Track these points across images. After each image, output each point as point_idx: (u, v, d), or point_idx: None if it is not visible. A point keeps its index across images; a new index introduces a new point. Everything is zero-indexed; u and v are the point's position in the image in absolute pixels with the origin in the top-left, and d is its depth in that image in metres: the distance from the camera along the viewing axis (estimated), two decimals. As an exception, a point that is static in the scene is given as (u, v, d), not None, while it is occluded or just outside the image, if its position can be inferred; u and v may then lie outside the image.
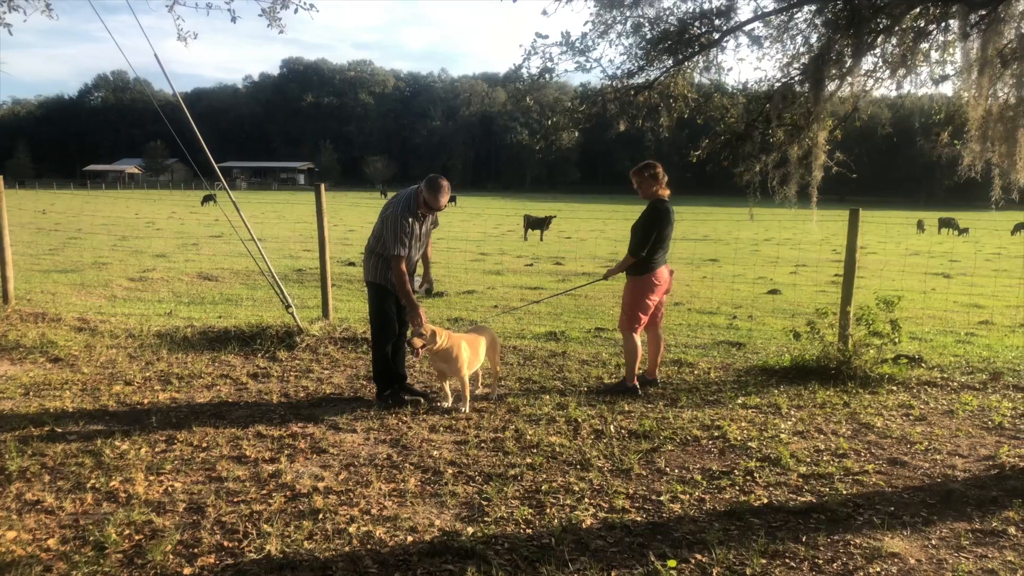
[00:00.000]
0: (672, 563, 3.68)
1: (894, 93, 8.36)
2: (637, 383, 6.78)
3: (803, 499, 4.52)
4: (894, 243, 29.00)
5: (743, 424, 5.91)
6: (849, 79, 7.28)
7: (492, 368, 6.75)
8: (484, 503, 4.40)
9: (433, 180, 6.12)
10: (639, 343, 6.78)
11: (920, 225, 39.68)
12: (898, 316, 7.24)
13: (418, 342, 5.86)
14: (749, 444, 5.45)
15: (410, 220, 6.09)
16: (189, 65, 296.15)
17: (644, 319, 6.78)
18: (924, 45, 7.43)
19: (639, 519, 4.24)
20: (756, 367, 7.61)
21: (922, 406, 6.44)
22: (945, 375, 7.39)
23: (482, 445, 5.39)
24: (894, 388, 6.92)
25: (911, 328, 9.85)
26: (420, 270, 6.70)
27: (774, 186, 7.77)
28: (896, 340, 7.17)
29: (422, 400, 6.39)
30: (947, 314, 11.65)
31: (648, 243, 6.60)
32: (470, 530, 4.04)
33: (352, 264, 16.65)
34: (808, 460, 5.15)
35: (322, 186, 9.26)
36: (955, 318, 11.36)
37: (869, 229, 9.69)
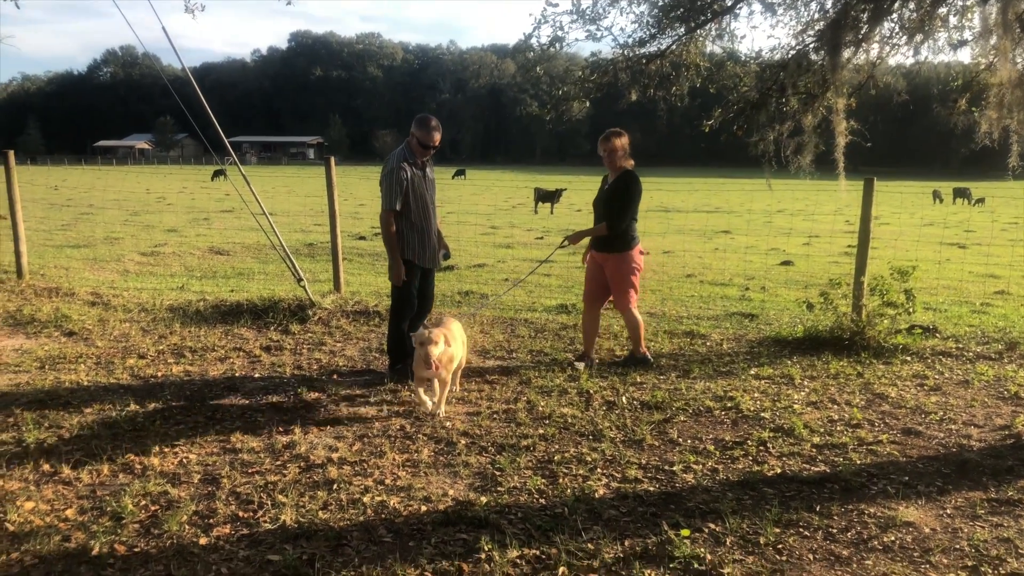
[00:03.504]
0: (685, 532, 3.68)
1: (910, 60, 8.23)
2: (648, 352, 6.76)
3: (817, 469, 4.51)
4: (908, 214, 28.74)
5: (756, 395, 5.89)
6: (865, 46, 7.17)
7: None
8: (497, 473, 4.41)
9: (422, 117, 6.08)
10: (638, 315, 6.68)
11: (936, 195, 39.27)
12: (912, 286, 7.18)
13: (434, 351, 5.10)
14: (762, 415, 5.44)
15: (405, 166, 5.99)
16: (197, 40, 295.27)
17: (637, 293, 6.67)
18: (942, 10, 7.29)
19: (652, 489, 4.24)
20: (769, 338, 7.58)
21: (937, 376, 6.41)
22: (960, 345, 7.34)
23: (494, 416, 5.40)
24: (908, 358, 6.88)
25: (926, 299, 9.77)
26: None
27: (788, 156, 7.68)
28: (910, 310, 7.11)
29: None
30: (962, 284, 11.55)
31: (627, 216, 6.40)
32: (483, 500, 4.05)
33: (363, 238, 16.64)
34: (822, 430, 5.14)
35: (332, 159, 9.23)
36: (970, 288, 11.27)
37: (883, 200, 9.60)
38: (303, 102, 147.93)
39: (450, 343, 5.27)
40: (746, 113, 7.79)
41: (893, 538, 3.67)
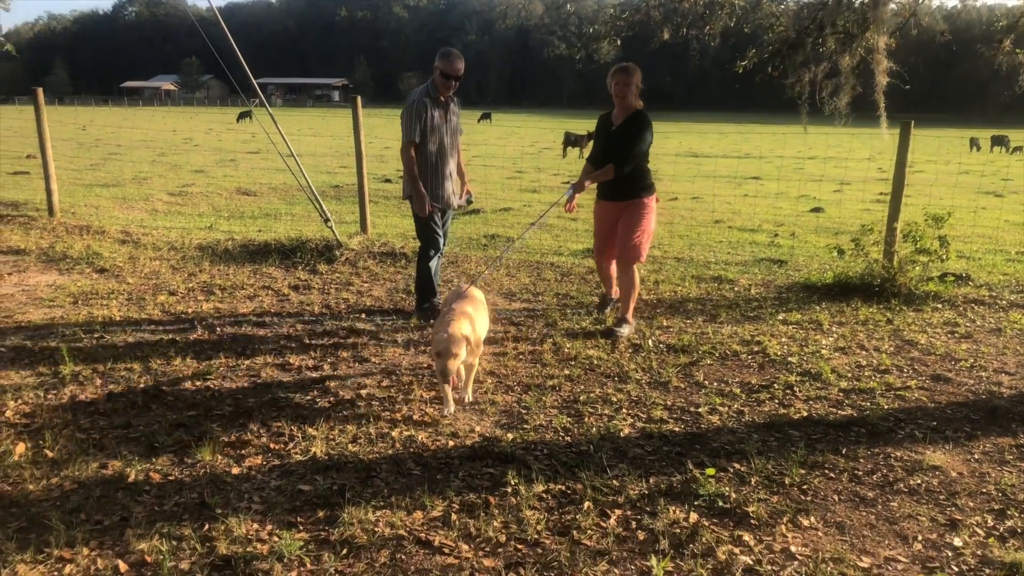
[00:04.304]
0: (710, 471, 3.70)
1: (953, 1, 7.93)
2: (634, 322, 6.14)
3: (843, 413, 4.49)
4: (943, 162, 28.09)
5: (783, 340, 5.86)
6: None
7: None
8: (523, 411, 4.45)
9: (444, 49, 6.03)
10: (639, 277, 6.18)
11: (973, 143, 38.24)
12: (947, 233, 7.04)
13: (452, 366, 4.11)
14: (789, 359, 5.42)
15: (426, 101, 5.96)
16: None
17: (646, 251, 6.06)
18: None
19: (677, 429, 4.26)
20: (798, 284, 7.51)
21: (968, 324, 6.32)
22: (993, 293, 7.23)
23: (520, 357, 5.42)
24: (939, 306, 6.79)
25: (959, 247, 9.59)
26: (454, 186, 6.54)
27: (824, 98, 7.48)
28: (944, 257, 6.99)
29: None
30: (997, 233, 11.32)
31: (637, 159, 5.82)
32: (510, 436, 4.09)
33: (388, 181, 16.60)
34: (849, 375, 5.11)
35: (358, 99, 9.16)
36: (1006, 237, 11.04)
37: (917, 147, 9.34)
38: (328, 43, 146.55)
39: (473, 343, 4.29)
40: (782, 53, 7.58)
41: (919, 481, 3.67)
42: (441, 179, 6.20)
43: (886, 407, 4.57)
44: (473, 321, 4.46)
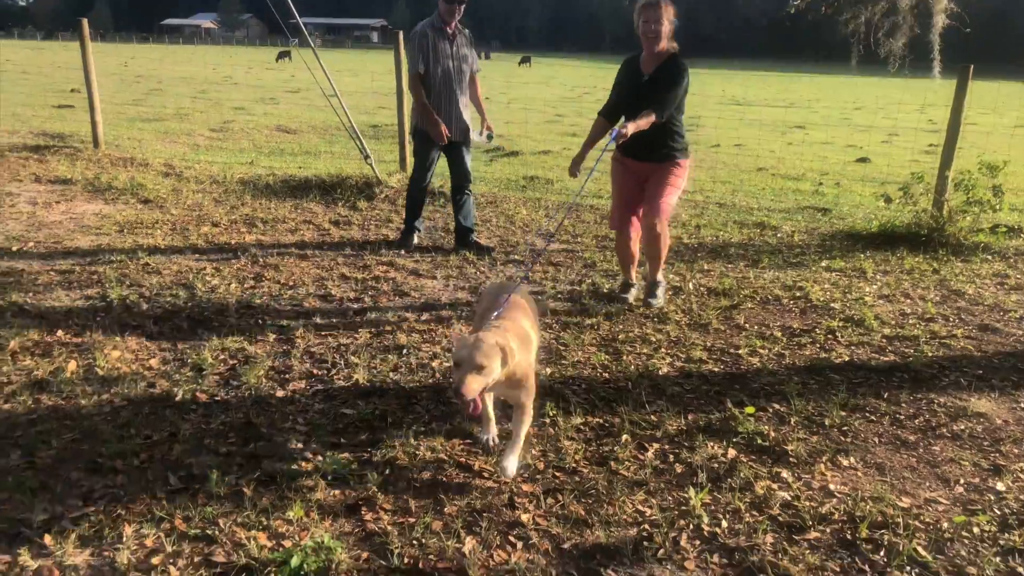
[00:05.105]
0: (750, 409, 3.69)
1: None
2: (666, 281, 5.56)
3: (886, 359, 4.44)
4: (998, 115, 27.16)
5: (826, 286, 5.78)
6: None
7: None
8: (561, 348, 4.46)
9: None
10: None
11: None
12: (1001, 183, 6.84)
13: (472, 385, 2.72)
14: (832, 305, 5.35)
15: (428, 31, 5.98)
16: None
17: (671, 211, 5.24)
18: None
19: (716, 370, 4.24)
20: (842, 232, 7.37)
21: (1019, 276, 6.17)
22: (1046, 247, 7.04)
23: (559, 296, 5.42)
24: (989, 257, 6.63)
25: (1013, 200, 9.31)
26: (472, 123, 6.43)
27: (879, 38, 7.23)
28: (996, 207, 6.80)
29: (491, 251, 6.46)
30: (1052, 187, 10.95)
31: (678, 101, 4.95)
32: (548, 370, 4.11)
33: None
34: (893, 323, 5.03)
35: (400, 34, 9.03)
36: (1060, 192, 10.69)
37: (972, 99, 8.99)
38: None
39: (507, 351, 2.82)
40: (838, -9, 7.31)
41: (963, 427, 3.63)
42: (449, 110, 6.16)
43: (930, 354, 4.50)
44: (526, 341, 3.11)
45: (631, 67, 5.09)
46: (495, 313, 3.17)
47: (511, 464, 2.98)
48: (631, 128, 4.68)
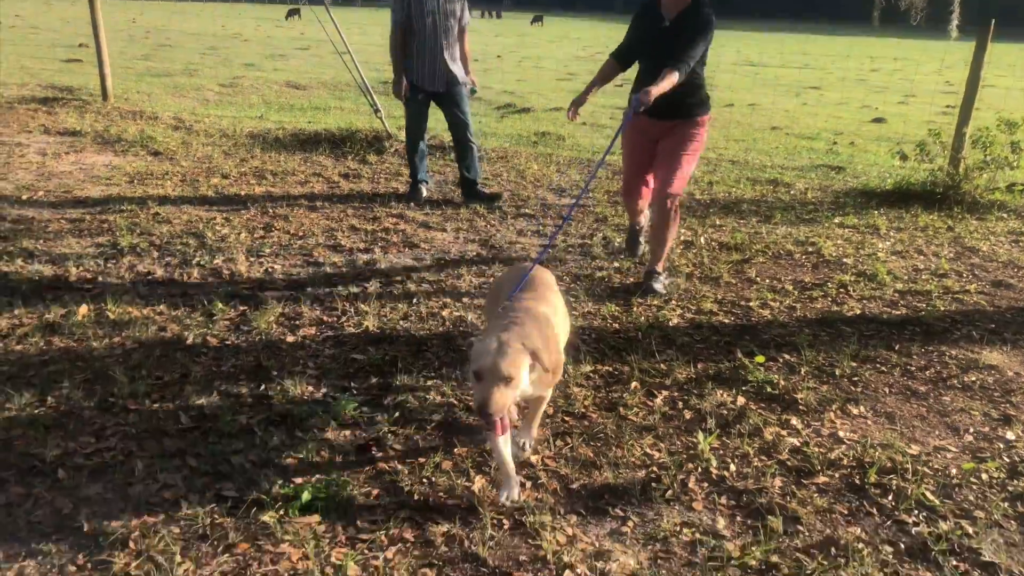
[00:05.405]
0: (760, 359, 3.69)
1: None
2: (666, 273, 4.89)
3: (898, 313, 4.41)
4: (1016, 78, 26.70)
5: (839, 242, 5.73)
6: None
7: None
8: (572, 299, 4.45)
9: None
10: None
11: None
12: (1020, 139, 6.73)
13: (498, 399, 2.31)
14: (844, 260, 5.31)
15: None
16: None
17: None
18: None
19: (727, 321, 4.23)
20: (855, 190, 7.29)
21: (1034, 234, 6.11)
22: (1063, 206, 6.95)
23: (570, 250, 5.40)
24: (1005, 215, 6.55)
25: (1029, 159, 9.19)
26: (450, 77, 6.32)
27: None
28: (1014, 165, 6.71)
29: (500, 198, 6.53)
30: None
31: (700, 56, 4.40)
32: (558, 320, 4.10)
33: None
34: (905, 278, 4.99)
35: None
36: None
37: (990, 60, 8.77)
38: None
39: (547, 365, 2.48)
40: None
41: (974, 378, 3.62)
42: (434, 62, 6.12)
43: (943, 309, 4.48)
44: (548, 333, 2.65)
45: (650, 12, 4.53)
46: (511, 295, 2.80)
47: (529, 439, 2.86)
48: (654, 92, 4.08)
